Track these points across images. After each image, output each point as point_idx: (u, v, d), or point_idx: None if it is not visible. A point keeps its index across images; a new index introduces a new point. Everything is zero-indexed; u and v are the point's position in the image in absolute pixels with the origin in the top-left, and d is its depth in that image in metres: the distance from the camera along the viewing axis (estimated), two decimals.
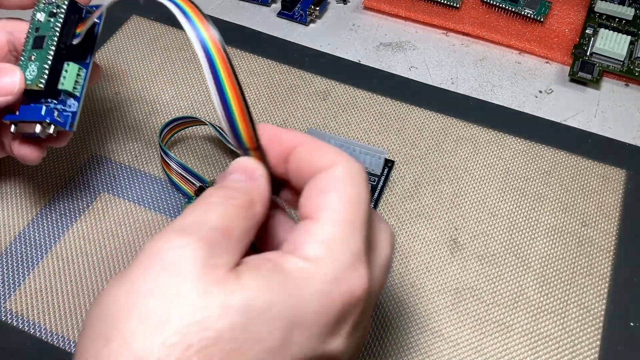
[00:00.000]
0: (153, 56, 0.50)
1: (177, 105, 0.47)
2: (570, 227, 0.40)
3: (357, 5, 0.55)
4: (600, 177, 0.43)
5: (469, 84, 0.49)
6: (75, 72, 0.35)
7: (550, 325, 0.36)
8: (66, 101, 0.35)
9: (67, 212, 0.41)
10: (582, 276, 0.38)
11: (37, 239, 0.39)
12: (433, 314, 0.37)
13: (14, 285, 0.37)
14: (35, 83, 0.34)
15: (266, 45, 0.51)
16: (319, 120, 0.46)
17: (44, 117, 0.34)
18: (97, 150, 0.44)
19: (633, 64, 0.49)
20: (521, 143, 0.44)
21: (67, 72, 0.35)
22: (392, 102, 0.47)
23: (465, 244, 0.39)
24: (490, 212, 0.41)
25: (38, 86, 0.34)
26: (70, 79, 0.35)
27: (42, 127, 0.34)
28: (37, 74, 0.34)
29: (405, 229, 0.40)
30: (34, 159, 0.36)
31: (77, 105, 0.35)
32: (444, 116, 0.46)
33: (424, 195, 0.42)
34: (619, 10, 0.51)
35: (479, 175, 0.43)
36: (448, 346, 0.35)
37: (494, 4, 0.52)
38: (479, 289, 0.38)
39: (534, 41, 0.51)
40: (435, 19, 0.52)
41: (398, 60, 0.50)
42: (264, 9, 0.54)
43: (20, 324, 0.36)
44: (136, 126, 0.45)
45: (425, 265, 0.39)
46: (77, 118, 0.35)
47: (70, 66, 0.35)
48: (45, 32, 0.35)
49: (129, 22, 0.52)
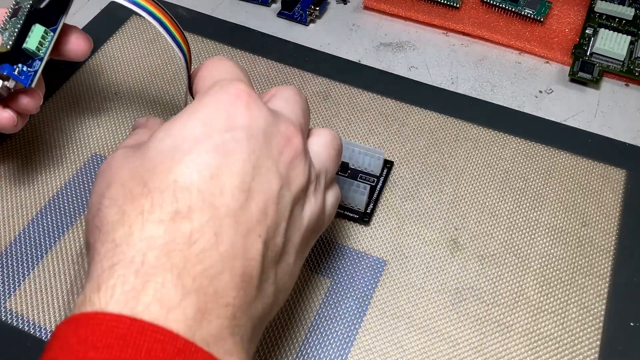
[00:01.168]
0: (153, 56, 0.50)
1: (177, 105, 0.47)
2: (570, 227, 0.40)
3: (357, 5, 0.55)
4: (600, 177, 0.43)
5: (469, 84, 0.49)
6: (40, 33, 0.36)
7: (550, 325, 0.36)
8: (32, 63, 0.37)
9: (67, 212, 0.41)
10: (582, 276, 0.38)
11: (37, 239, 0.39)
12: (433, 314, 0.37)
13: (14, 285, 0.37)
14: (4, 46, 0.36)
15: (266, 45, 0.51)
16: (319, 120, 0.46)
17: (1, 70, 0.35)
18: (97, 150, 0.44)
19: (633, 64, 0.49)
20: (521, 143, 0.44)
21: (33, 33, 0.36)
22: (392, 102, 0.47)
23: (465, 244, 0.39)
24: (490, 212, 0.41)
25: (6, 48, 0.35)
26: (35, 39, 0.36)
27: (1, 80, 0.35)
28: (6, 39, 0.36)
29: (405, 229, 0.40)
30: (5, 123, 0.37)
31: (39, 64, 0.37)
32: (444, 116, 0.46)
33: (424, 195, 0.42)
34: (619, 10, 0.51)
35: (479, 175, 0.43)
36: (448, 346, 0.35)
37: (494, 4, 0.52)
38: (479, 289, 0.38)
39: (534, 41, 0.51)
40: (435, 19, 0.52)
41: (398, 60, 0.50)
42: (264, 9, 0.54)
43: (20, 324, 0.36)
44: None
45: (425, 265, 0.39)
46: (37, 77, 0.37)
47: (36, 27, 0.36)
48: (22, 2, 0.37)
49: (129, 22, 0.52)
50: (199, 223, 0.26)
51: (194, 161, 0.27)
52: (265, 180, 0.27)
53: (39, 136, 0.44)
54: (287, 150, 0.29)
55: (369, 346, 0.35)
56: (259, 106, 0.29)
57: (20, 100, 0.37)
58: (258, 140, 0.28)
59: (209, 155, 0.27)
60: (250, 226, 0.27)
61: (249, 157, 0.27)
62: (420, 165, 0.43)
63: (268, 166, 0.28)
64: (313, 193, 0.30)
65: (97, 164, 0.43)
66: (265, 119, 0.29)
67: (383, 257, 0.39)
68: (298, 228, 0.30)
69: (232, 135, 0.27)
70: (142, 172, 0.27)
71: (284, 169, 0.28)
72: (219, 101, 0.29)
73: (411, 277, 0.38)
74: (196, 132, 0.27)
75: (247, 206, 0.27)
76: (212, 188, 0.26)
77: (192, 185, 0.26)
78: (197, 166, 0.26)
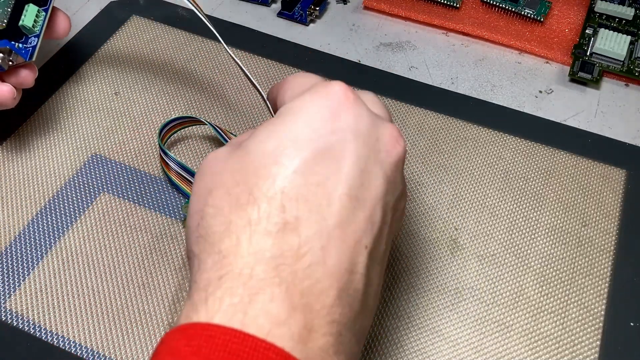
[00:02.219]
0: (153, 56, 0.50)
1: (177, 105, 0.47)
2: (570, 227, 0.40)
3: (357, 5, 0.55)
4: (600, 177, 0.43)
5: (469, 84, 0.49)
6: (34, 12, 0.40)
7: (550, 325, 0.36)
8: (27, 40, 0.40)
9: (67, 212, 0.41)
10: (582, 276, 0.38)
11: (37, 239, 0.39)
12: (433, 314, 0.37)
13: (14, 285, 0.37)
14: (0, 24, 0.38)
15: (266, 45, 0.51)
16: None
17: (3, 44, 0.38)
18: (97, 150, 0.44)
19: (633, 64, 0.49)
20: (521, 143, 0.44)
21: (27, 12, 0.39)
22: (392, 102, 0.47)
23: (465, 244, 0.39)
24: (490, 212, 0.41)
25: (2, 25, 0.38)
26: (30, 17, 0.39)
27: (3, 55, 0.38)
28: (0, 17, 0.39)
29: (405, 229, 0.40)
30: (6, 96, 0.38)
31: (36, 41, 0.40)
32: (444, 116, 0.46)
33: (424, 195, 0.42)
34: (619, 10, 0.51)
35: (479, 175, 0.43)
36: (448, 346, 0.35)
37: (494, 4, 0.52)
38: (479, 289, 0.38)
39: (534, 41, 0.51)
40: (435, 19, 0.52)
41: (398, 60, 0.50)
42: (264, 9, 0.54)
43: (20, 324, 0.36)
44: (136, 126, 0.45)
45: (425, 265, 0.39)
46: (36, 51, 0.40)
47: (30, 6, 0.40)
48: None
49: (129, 22, 0.52)
50: (306, 235, 0.25)
51: (300, 167, 0.25)
52: (373, 186, 0.26)
53: (39, 136, 0.44)
54: (394, 153, 0.27)
55: (369, 346, 0.35)
56: (362, 106, 0.27)
57: (19, 73, 0.39)
58: (366, 142, 0.26)
59: (315, 160, 0.25)
60: (357, 237, 0.25)
61: (357, 161, 0.26)
62: (420, 165, 0.43)
63: (376, 171, 0.26)
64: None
65: (97, 164, 0.43)
66: (371, 120, 0.27)
67: None
68: (393, 232, 0.28)
69: (339, 138, 0.26)
70: (247, 177, 0.26)
71: (390, 173, 0.27)
72: (323, 101, 0.27)
73: (411, 277, 0.38)
74: (300, 134, 0.26)
75: (355, 215, 0.25)
76: (320, 197, 0.25)
77: (299, 195, 0.25)
78: (303, 173, 0.25)
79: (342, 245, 0.25)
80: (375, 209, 0.26)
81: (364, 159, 0.26)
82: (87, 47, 0.50)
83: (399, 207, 0.29)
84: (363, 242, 0.26)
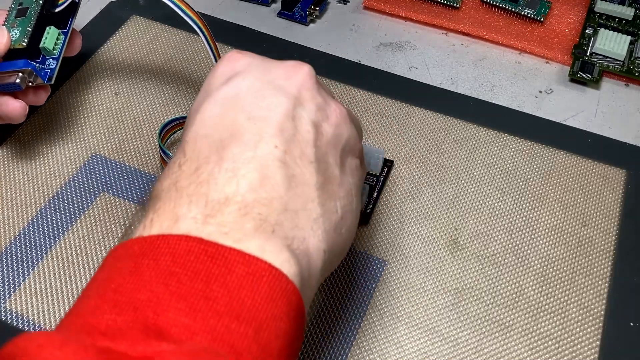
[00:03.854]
0: (153, 56, 0.50)
1: (177, 105, 0.47)
2: (570, 227, 0.40)
3: (357, 5, 0.55)
4: (600, 177, 0.43)
5: (468, 84, 0.49)
6: (55, 35, 0.40)
7: (550, 325, 0.36)
8: (45, 61, 0.40)
9: (67, 212, 0.41)
10: (582, 276, 0.38)
11: (37, 239, 0.39)
12: (433, 314, 0.37)
13: (14, 285, 0.37)
14: (19, 42, 0.39)
15: (266, 45, 0.51)
16: None
17: (24, 66, 0.38)
18: (97, 150, 0.44)
19: (633, 64, 0.49)
20: (521, 143, 0.44)
21: (49, 34, 0.40)
22: (392, 102, 0.47)
23: (465, 244, 0.39)
24: (490, 212, 0.41)
25: (21, 44, 0.39)
26: (52, 40, 0.40)
27: (23, 75, 0.38)
28: (19, 36, 0.39)
29: (405, 229, 0.40)
30: (18, 112, 0.40)
31: (55, 63, 0.40)
32: (444, 116, 0.46)
33: (424, 195, 0.42)
34: (619, 10, 0.51)
35: (479, 175, 0.43)
36: (448, 346, 0.35)
37: (494, 4, 0.52)
38: (479, 289, 0.38)
39: (534, 41, 0.51)
40: (435, 19, 0.52)
41: (398, 60, 0.50)
42: (264, 9, 0.54)
43: (20, 324, 0.36)
44: (136, 126, 0.45)
45: (425, 265, 0.39)
46: (54, 74, 0.40)
47: (51, 29, 0.40)
48: (28, 4, 0.40)
49: (129, 22, 0.52)
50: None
51: (218, 99, 0.30)
52: (272, 104, 0.29)
53: (39, 136, 0.44)
54: (294, 77, 0.31)
55: (369, 346, 0.35)
56: (255, 55, 0.33)
57: (34, 93, 0.40)
58: (259, 72, 0.30)
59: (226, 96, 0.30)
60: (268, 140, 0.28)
61: (252, 86, 0.30)
62: (420, 165, 0.43)
63: (273, 92, 0.30)
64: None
65: (97, 164, 0.43)
66: (263, 60, 0.32)
67: (383, 257, 0.39)
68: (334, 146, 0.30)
69: (238, 72, 0.30)
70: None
71: (297, 92, 0.30)
72: (225, 60, 0.32)
73: (411, 277, 0.38)
74: (213, 83, 0.31)
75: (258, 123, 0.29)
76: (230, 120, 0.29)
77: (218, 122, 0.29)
78: (216, 101, 0.30)
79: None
80: (276, 118, 0.29)
81: (258, 86, 0.30)
82: (87, 47, 0.50)
83: (330, 122, 0.31)
84: (272, 142, 0.28)
